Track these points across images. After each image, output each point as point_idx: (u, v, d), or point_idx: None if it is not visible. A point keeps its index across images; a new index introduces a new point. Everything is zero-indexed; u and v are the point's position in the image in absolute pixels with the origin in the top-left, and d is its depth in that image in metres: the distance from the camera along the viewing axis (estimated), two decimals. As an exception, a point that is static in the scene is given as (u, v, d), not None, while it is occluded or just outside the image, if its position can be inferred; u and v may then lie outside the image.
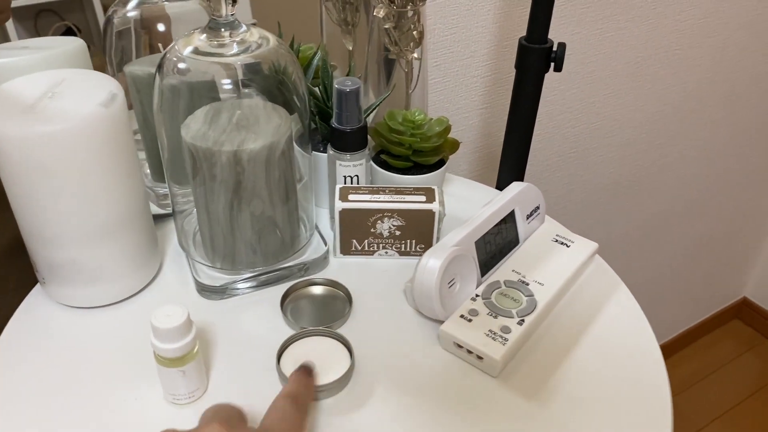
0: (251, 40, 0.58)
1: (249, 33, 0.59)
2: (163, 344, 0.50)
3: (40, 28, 0.77)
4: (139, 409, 0.53)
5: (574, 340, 0.60)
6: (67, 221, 0.56)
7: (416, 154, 0.69)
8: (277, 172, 0.61)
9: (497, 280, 0.63)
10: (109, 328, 0.61)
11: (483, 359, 0.56)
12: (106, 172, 0.56)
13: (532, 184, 0.69)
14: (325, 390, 0.54)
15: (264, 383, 0.56)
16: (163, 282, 0.66)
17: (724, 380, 1.93)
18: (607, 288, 0.66)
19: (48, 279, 0.61)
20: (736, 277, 2.00)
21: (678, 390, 1.89)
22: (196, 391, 0.54)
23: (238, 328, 0.61)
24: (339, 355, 0.57)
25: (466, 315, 0.59)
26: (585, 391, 0.56)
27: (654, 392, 0.56)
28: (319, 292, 0.65)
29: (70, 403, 0.54)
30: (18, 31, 0.76)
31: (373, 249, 0.69)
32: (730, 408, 1.85)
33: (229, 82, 0.58)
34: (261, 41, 0.59)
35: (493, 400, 0.55)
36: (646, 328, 0.62)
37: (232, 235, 0.63)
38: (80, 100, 0.54)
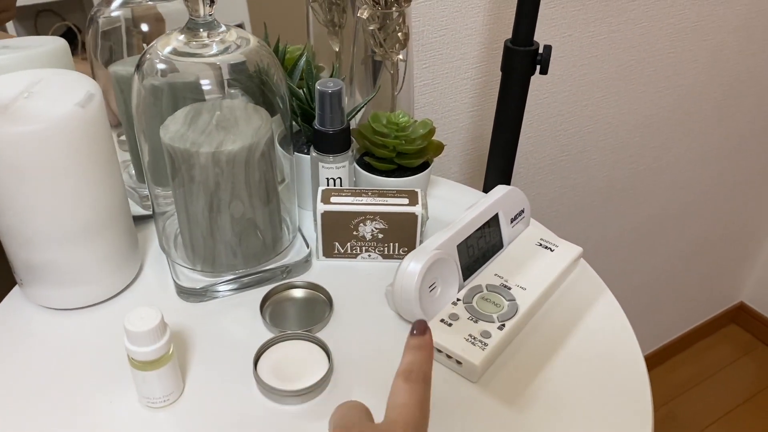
0: (230, 40, 0.58)
1: (228, 33, 0.58)
2: (136, 347, 0.50)
3: (40, 28, 0.77)
4: (113, 413, 0.53)
5: (556, 345, 0.60)
6: (44, 222, 0.55)
7: (400, 156, 0.69)
8: (257, 174, 0.61)
9: (479, 284, 0.62)
10: (87, 330, 0.60)
11: (462, 364, 0.56)
12: (83, 172, 0.55)
13: (516, 188, 0.68)
14: (303, 394, 0.54)
15: (241, 387, 0.55)
16: (144, 284, 0.66)
17: (720, 384, 1.93)
18: (591, 293, 0.66)
19: (26, 280, 0.60)
20: (733, 282, 1.99)
21: (675, 394, 1.88)
22: (171, 395, 0.53)
23: (217, 331, 0.61)
24: (317, 358, 0.57)
25: (446, 319, 0.58)
26: (565, 398, 0.55)
27: (635, 400, 0.55)
28: (299, 295, 0.65)
29: (45, 406, 0.53)
30: (18, 31, 0.75)
31: (355, 252, 0.68)
32: (727, 412, 1.84)
33: (208, 82, 0.58)
34: (240, 42, 0.58)
35: (471, 406, 0.54)
36: (630, 334, 0.61)
37: (212, 237, 0.63)
38: (57, 100, 0.54)
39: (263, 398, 0.55)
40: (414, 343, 0.41)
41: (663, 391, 1.89)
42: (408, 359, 0.40)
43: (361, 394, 0.55)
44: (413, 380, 0.39)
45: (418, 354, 0.40)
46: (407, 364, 0.40)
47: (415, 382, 0.39)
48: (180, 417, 0.53)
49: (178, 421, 0.52)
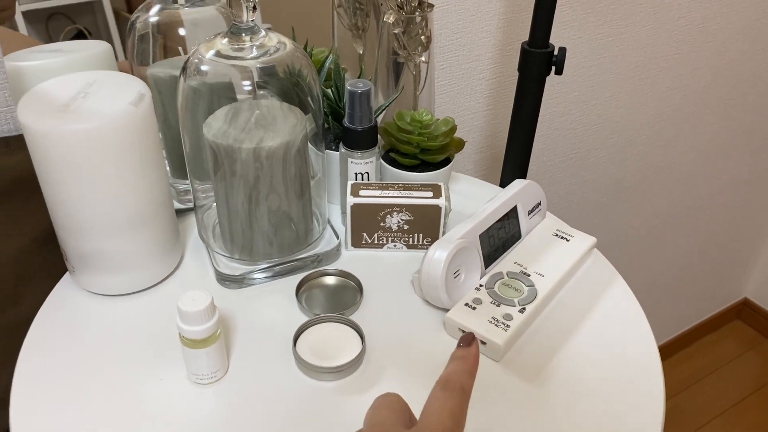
0: (270, 44, 0.62)
1: (267, 38, 0.62)
2: (188, 326, 0.54)
3: (51, 31, 0.81)
4: (165, 389, 0.57)
5: (572, 328, 0.64)
6: (98, 213, 0.60)
7: (423, 152, 0.73)
8: (293, 169, 0.65)
9: (500, 271, 0.66)
10: (134, 314, 0.65)
11: (486, 344, 0.60)
12: (134, 167, 0.59)
13: (533, 182, 0.72)
14: (339, 371, 0.58)
15: (280, 365, 0.60)
16: (185, 272, 0.70)
17: (725, 379, 1.96)
18: (604, 280, 0.70)
19: (77, 268, 0.65)
20: (737, 278, 2.03)
21: (680, 388, 1.92)
22: (217, 372, 0.58)
23: (256, 315, 0.65)
24: (351, 340, 0.61)
25: (471, 303, 0.63)
26: (582, 376, 0.59)
27: (647, 376, 0.59)
28: (331, 282, 0.69)
29: (100, 383, 0.57)
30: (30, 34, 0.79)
31: (382, 242, 0.72)
32: (731, 406, 1.88)
33: (248, 83, 0.62)
34: (279, 45, 0.63)
35: (495, 383, 0.58)
36: (641, 318, 0.65)
37: (250, 227, 0.67)
38: (111, 100, 0.58)
39: (301, 375, 0.59)
40: (458, 353, 0.42)
41: (669, 386, 1.93)
42: (450, 368, 0.41)
43: (392, 373, 0.59)
44: (450, 389, 0.39)
45: (460, 364, 0.41)
46: (447, 373, 0.41)
47: (452, 390, 0.39)
48: (226, 393, 0.57)
49: (224, 396, 0.57)
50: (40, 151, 0.57)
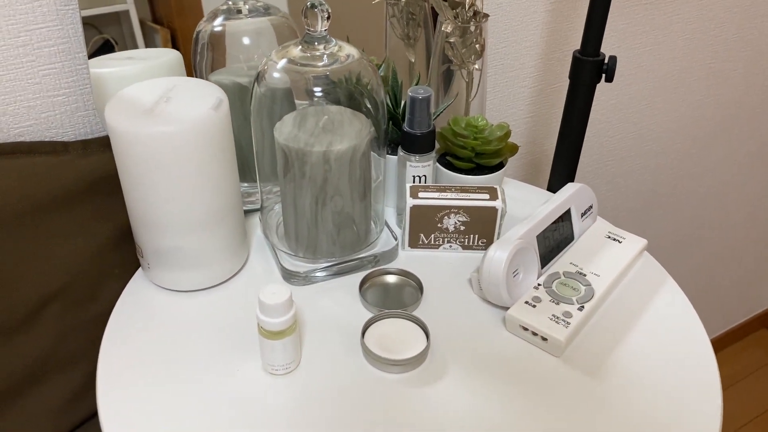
0: (340, 53, 0.65)
1: (338, 47, 0.66)
2: (267, 318, 0.57)
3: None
4: (241, 378, 0.60)
5: (627, 326, 0.66)
6: (178, 211, 0.63)
7: (478, 156, 0.76)
8: (358, 172, 0.68)
9: (557, 271, 0.69)
10: (206, 309, 0.68)
11: (547, 340, 0.62)
12: (213, 167, 0.63)
13: (586, 185, 0.75)
14: (406, 365, 0.61)
15: (348, 358, 0.62)
16: (251, 269, 0.73)
17: (750, 388, 1.96)
18: (655, 280, 0.72)
19: (153, 265, 0.68)
20: (763, 287, 2.03)
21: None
22: (291, 363, 0.60)
23: (321, 310, 0.68)
24: (416, 334, 0.64)
25: (530, 301, 0.65)
26: (639, 371, 0.61)
27: (702, 370, 0.61)
28: (392, 280, 0.72)
29: (179, 371, 0.60)
30: None
31: (438, 243, 0.75)
32: (757, 415, 1.88)
33: (319, 90, 0.65)
34: (348, 54, 0.66)
35: (556, 378, 0.61)
36: (693, 315, 0.68)
37: (316, 227, 0.70)
38: (192, 104, 0.61)
39: (369, 367, 0.62)
40: None
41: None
42: None
43: (456, 368, 0.61)
44: None
45: None
46: None
47: None
48: (298, 383, 0.60)
49: (297, 386, 0.60)
50: (126, 152, 0.60)
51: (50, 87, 0.70)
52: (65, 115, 0.72)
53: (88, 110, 0.73)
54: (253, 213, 0.80)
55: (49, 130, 0.72)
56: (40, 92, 0.70)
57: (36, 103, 0.70)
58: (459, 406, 0.58)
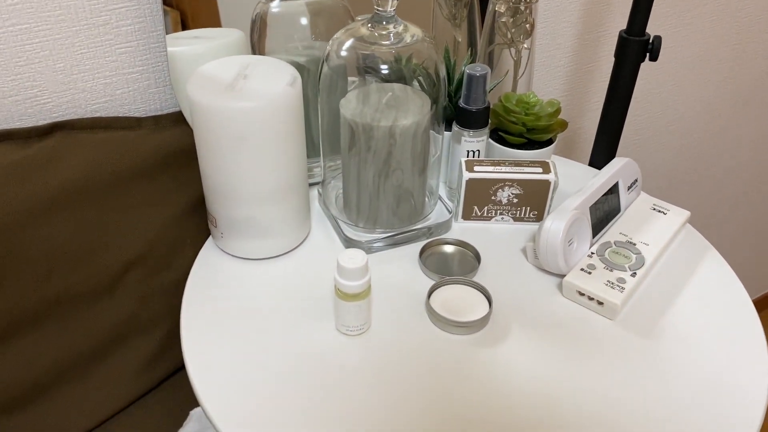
0: (405, 33, 0.69)
1: (403, 27, 0.69)
2: (345, 281, 0.61)
3: None
4: (316, 338, 0.64)
5: (675, 291, 0.70)
6: (254, 182, 0.67)
7: (530, 132, 0.79)
8: (419, 146, 0.71)
9: (608, 241, 0.73)
10: (277, 275, 0.71)
11: (603, 304, 0.66)
12: (286, 141, 0.66)
13: (632, 160, 0.78)
14: (470, 327, 0.65)
15: (415, 321, 0.66)
16: (314, 240, 0.77)
17: None
18: (699, 250, 0.76)
19: (226, 234, 0.71)
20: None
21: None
22: (364, 325, 0.64)
23: (385, 278, 0.72)
24: (478, 299, 0.68)
25: (586, 269, 0.69)
26: (688, 333, 0.65)
27: (748, 331, 0.65)
28: (450, 250, 0.75)
29: (256, 331, 0.64)
30: None
31: (491, 215, 0.79)
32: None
33: (386, 67, 0.69)
34: (413, 34, 0.69)
35: (611, 339, 0.65)
36: (736, 281, 0.71)
37: (377, 199, 0.73)
38: (270, 81, 0.65)
39: (435, 330, 0.66)
40: None
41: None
42: None
43: (516, 331, 0.65)
44: None
45: None
46: None
47: None
48: (370, 343, 0.64)
49: (369, 346, 0.64)
50: (208, 126, 0.64)
51: (126, 65, 0.73)
52: (138, 92, 0.75)
53: (159, 87, 0.76)
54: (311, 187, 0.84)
55: (123, 107, 0.75)
56: (117, 69, 0.73)
57: (112, 80, 0.73)
58: (522, 365, 0.62)
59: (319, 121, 0.74)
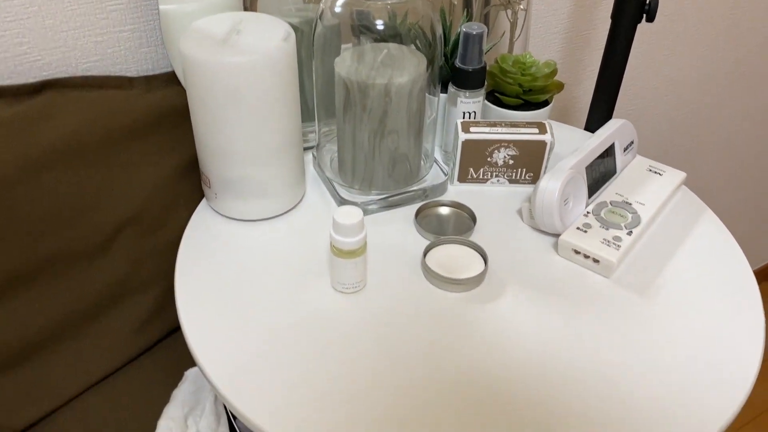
0: (401, -12, 0.68)
1: (399, -18, 0.68)
2: (341, 238, 0.60)
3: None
4: (312, 295, 0.64)
5: (671, 251, 0.70)
6: (248, 140, 0.66)
7: (526, 93, 0.78)
8: (415, 105, 0.71)
9: (604, 201, 0.72)
10: (271, 237, 0.71)
11: (599, 262, 0.66)
12: (280, 98, 0.65)
13: (628, 121, 0.78)
14: (465, 284, 0.64)
15: (411, 279, 0.66)
16: (308, 202, 0.76)
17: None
18: (695, 211, 0.76)
19: (220, 194, 0.71)
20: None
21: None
22: (359, 283, 0.64)
23: (381, 238, 0.71)
24: (474, 258, 0.67)
25: (581, 227, 0.69)
26: (683, 291, 0.65)
27: (743, 286, 0.66)
28: (445, 211, 0.75)
29: (252, 289, 0.64)
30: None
31: (486, 177, 0.78)
32: None
33: (381, 23, 0.68)
34: (409, -11, 0.68)
35: (607, 296, 0.65)
36: (732, 242, 0.72)
37: (373, 160, 0.73)
38: (263, 36, 0.64)
39: (431, 287, 0.65)
40: None
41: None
42: None
43: (512, 288, 0.65)
44: None
45: None
46: None
47: None
48: (366, 300, 0.64)
49: (366, 303, 0.63)
50: (202, 82, 0.63)
51: (117, 22, 0.72)
52: (129, 51, 0.74)
53: (151, 46, 0.75)
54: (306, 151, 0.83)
55: (114, 66, 0.74)
56: (108, 27, 0.72)
57: (103, 38, 0.72)
58: (517, 321, 0.62)
59: (314, 82, 0.73)
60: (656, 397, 0.55)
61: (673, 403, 0.55)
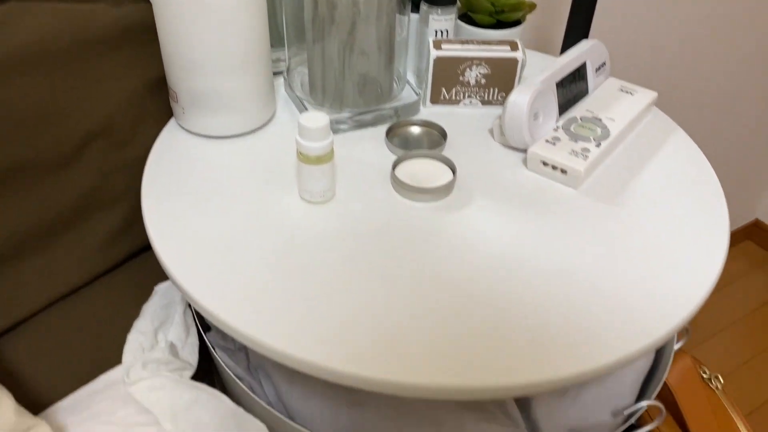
0: None
1: None
2: (308, 142, 0.60)
3: None
4: (280, 206, 0.64)
5: (642, 164, 0.70)
6: (210, 50, 0.65)
7: (498, 13, 0.78)
8: (384, 18, 0.70)
9: (574, 116, 0.72)
10: (239, 153, 0.70)
11: (567, 173, 0.66)
12: (250, 8, 0.64)
13: (600, 42, 0.78)
14: (434, 193, 0.64)
15: (380, 191, 0.66)
16: (279, 121, 0.76)
17: (736, 293, 2.05)
18: (665, 129, 0.76)
19: (187, 109, 0.70)
20: (749, 199, 2.09)
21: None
22: (327, 192, 0.64)
23: (351, 155, 0.71)
24: (444, 170, 0.67)
25: (551, 140, 0.69)
26: (651, 201, 0.66)
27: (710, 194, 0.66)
28: (416, 130, 0.75)
29: (220, 201, 0.64)
30: None
31: (459, 98, 0.78)
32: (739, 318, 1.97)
33: (349, -68, 0.67)
34: None
35: (574, 207, 0.65)
36: (700, 155, 0.72)
37: (343, 76, 0.72)
38: (228, -59, 0.63)
39: (400, 198, 0.65)
40: None
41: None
42: None
43: (481, 198, 0.65)
44: None
45: None
46: None
47: None
48: (334, 210, 0.64)
49: (334, 212, 0.63)
50: (165, -13, 0.62)
51: (80, -68, 0.70)
52: (94, -35, 0.73)
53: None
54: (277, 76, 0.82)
55: (79, -20, 0.73)
56: (70, -62, 0.70)
57: (66, -51, 0.70)
58: (486, 229, 0.62)
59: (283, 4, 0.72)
60: (621, 291, 0.56)
61: (637, 296, 0.55)
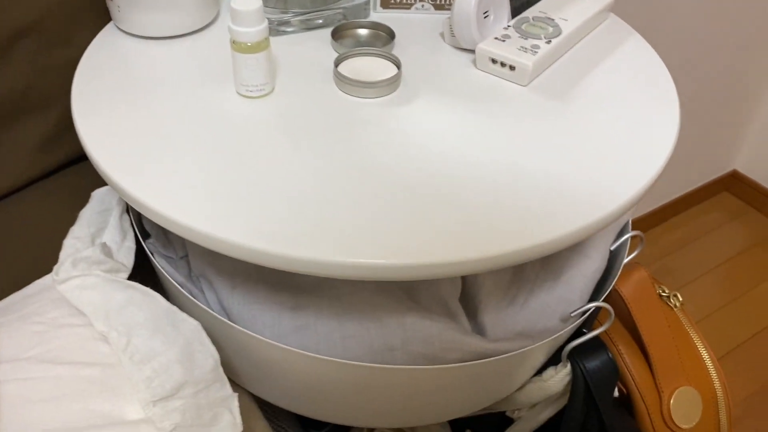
0: None
1: None
2: (240, 28, 0.57)
3: None
4: (217, 101, 0.61)
5: (592, 65, 0.68)
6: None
7: None
8: None
9: (526, 16, 0.70)
10: (178, 54, 0.67)
11: (515, 68, 0.64)
12: None
13: (557, -56, 0.75)
14: (377, 87, 0.62)
15: (324, 87, 0.64)
16: (223, 24, 0.73)
17: (713, 242, 2.05)
18: (621, 33, 0.74)
19: (123, 6, 0.67)
20: (727, 150, 2.09)
21: (670, 250, 2.01)
22: (265, 85, 0.61)
23: (294, 54, 0.68)
24: (389, 67, 0.65)
25: (500, 37, 0.67)
26: (601, 97, 0.64)
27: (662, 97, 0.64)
28: (364, 31, 0.72)
29: (155, 101, 0.61)
30: None
31: (411, 2, 0.75)
32: (717, 265, 1.97)
33: None
34: None
35: (523, 101, 0.63)
36: (656, 58, 0.70)
37: (287, -27, 0.69)
38: None
39: (344, 94, 0.63)
40: None
41: (658, 248, 2.02)
42: None
43: (427, 95, 0.63)
44: None
45: None
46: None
47: None
48: (273, 105, 0.61)
49: (273, 106, 0.61)
50: None
51: None
52: None
53: None
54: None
55: None
56: None
57: None
58: (431, 123, 0.60)
59: None
60: (570, 176, 0.54)
61: (585, 179, 0.54)
